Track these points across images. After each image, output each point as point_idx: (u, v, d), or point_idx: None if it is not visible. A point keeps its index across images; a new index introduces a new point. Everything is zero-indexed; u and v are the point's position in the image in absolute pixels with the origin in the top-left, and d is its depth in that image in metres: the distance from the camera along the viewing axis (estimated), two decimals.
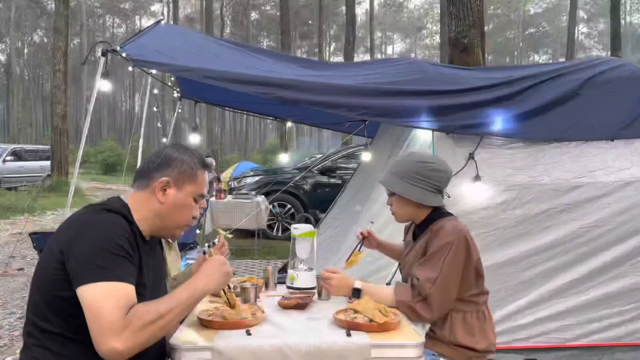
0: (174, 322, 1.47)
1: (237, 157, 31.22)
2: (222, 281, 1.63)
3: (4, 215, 10.64)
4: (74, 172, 3.75)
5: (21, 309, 4.72)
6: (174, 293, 1.49)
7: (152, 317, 1.38)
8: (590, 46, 51.43)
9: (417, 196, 2.14)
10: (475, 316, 2.13)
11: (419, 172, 2.14)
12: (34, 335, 1.48)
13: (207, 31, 23.28)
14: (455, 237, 2.04)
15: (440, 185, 2.19)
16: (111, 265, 1.40)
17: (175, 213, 1.64)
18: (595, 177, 3.34)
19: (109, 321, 1.32)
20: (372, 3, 37.57)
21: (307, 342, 1.60)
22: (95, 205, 1.56)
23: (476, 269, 2.12)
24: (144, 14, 53.28)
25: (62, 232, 1.49)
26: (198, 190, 1.67)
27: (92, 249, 1.41)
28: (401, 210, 2.23)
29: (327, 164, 9.13)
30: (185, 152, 1.68)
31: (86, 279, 1.37)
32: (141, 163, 1.68)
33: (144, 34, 4.01)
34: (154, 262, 1.69)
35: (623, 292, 3.27)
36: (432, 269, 2.01)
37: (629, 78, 3.65)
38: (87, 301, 1.36)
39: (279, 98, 3.27)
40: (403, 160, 2.24)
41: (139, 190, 1.63)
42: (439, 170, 2.17)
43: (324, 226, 5.79)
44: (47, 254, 1.49)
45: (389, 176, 2.22)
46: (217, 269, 1.61)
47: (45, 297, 1.46)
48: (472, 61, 6.12)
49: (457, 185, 3.33)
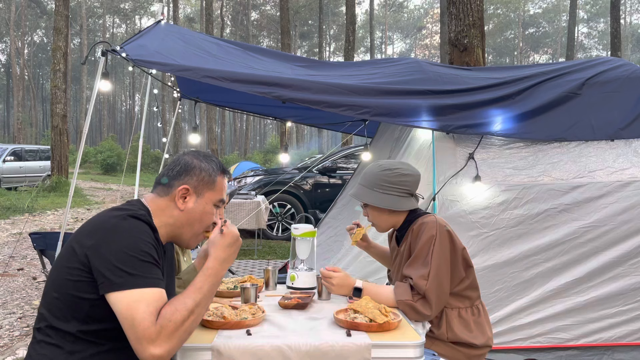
0: (204, 313, 1.50)
1: (237, 157, 31.24)
2: (234, 252, 1.63)
3: (4, 215, 10.64)
4: (74, 172, 3.74)
5: (21, 309, 4.72)
6: (195, 285, 1.50)
7: (183, 316, 1.41)
8: (590, 46, 51.46)
9: (388, 203, 2.18)
10: (470, 312, 2.17)
11: (386, 180, 2.19)
12: (45, 332, 1.49)
13: (207, 31, 23.26)
14: (437, 230, 2.08)
15: (411, 188, 2.23)
16: (141, 272, 1.42)
17: (195, 220, 1.65)
18: (595, 177, 3.34)
19: (143, 329, 1.35)
20: (372, 3, 37.57)
21: (307, 342, 1.60)
22: (119, 210, 1.55)
23: (464, 257, 2.15)
24: (144, 14, 53.29)
25: (86, 235, 1.49)
26: (218, 197, 1.69)
27: (122, 256, 1.42)
28: (378, 220, 2.28)
29: (327, 164, 9.13)
30: (204, 159, 1.69)
31: (117, 286, 1.39)
32: (161, 170, 1.70)
33: (144, 34, 4.01)
34: (166, 264, 1.70)
35: (623, 292, 3.27)
36: (423, 265, 2.05)
37: (629, 78, 3.65)
38: (120, 308, 1.38)
39: (279, 97, 3.27)
40: (370, 171, 2.27)
41: (160, 197, 1.65)
42: (406, 175, 2.21)
43: (324, 226, 5.78)
44: (68, 254, 1.49)
45: (359, 188, 2.27)
46: (223, 244, 1.60)
47: (64, 296, 1.46)
48: (472, 61, 6.12)
49: (457, 185, 3.34)
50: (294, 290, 2.23)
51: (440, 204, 3.30)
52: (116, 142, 32.89)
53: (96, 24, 53.40)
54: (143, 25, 51.67)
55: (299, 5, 41.61)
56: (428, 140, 3.52)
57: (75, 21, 43.49)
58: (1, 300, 4.99)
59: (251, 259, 7.06)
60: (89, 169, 29.87)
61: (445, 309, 2.13)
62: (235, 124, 50.37)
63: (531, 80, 3.60)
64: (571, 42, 26.65)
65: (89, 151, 31.36)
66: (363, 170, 2.57)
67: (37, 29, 50.02)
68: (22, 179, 16.91)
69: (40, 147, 19.62)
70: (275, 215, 8.67)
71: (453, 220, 3.26)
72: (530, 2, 49.47)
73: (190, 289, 1.49)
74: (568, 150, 3.43)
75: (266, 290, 2.35)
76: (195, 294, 1.47)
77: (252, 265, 6.63)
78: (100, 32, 52.35)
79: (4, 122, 57.49)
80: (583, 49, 49.79)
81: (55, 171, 15.54)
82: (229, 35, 42.14)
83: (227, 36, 39.51)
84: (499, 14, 48.21)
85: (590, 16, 50.18)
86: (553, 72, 3.67)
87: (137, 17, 54.47)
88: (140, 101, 50.97)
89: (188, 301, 1.44)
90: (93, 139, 53.77)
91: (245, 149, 39.74)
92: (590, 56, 46.83)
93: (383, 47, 56.06)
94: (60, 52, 15.45)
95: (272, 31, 45.13)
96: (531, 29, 51.73)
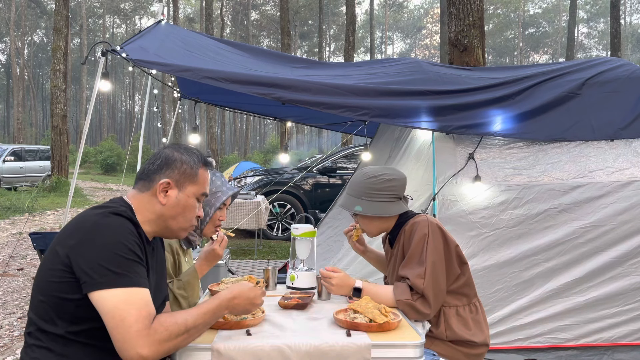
0: (196, 337, 1.51)
1: (237, 157, 31.24)
2: (246, 310, 1.68)
3: (4, 215, 10.64)
4: (74, 172, 3.74)
5: (21, 309, 4.72)
6: (201, 309, 1.51)
7: (179, 330, 1.42)
8: (590, 46, 51.47)
9: (377, 211, 2.19)
10: (468, 309, 2.18)
11: (373, 187, 2.20)
12: (35, 336, 1.48)
13: (207, 31, 23.26)
14: (429, 229, 2.10)
15: (398, 192, 2.23)
16: (126, 270, 1.40)
17: (178, 214, 1.62)
18: (595, 177, 3.34)
19: (136, 330, 1.34)
20: (372, 3, 37.56)
21: (307, 342, 1.60)
22: (101, 208, 1.53)
23: (457, 254, 2.16)
24: (144, 14, 53.30)
25: (67, 235, 1.47)
26: (200, 190, 1.65)
27: (105, 253, 1.40)
28: (369, 227, 2.29)
29: (327, 164, 9.13)
30: (185, 152, 1.65)
31: (101, 284, 1.37)
32: (142, 165, 1.65)
33: (144, 34, 4.01)
34: (156, 262, 1.69)
35: (623, 292, 3.27)
36: (418, 264, 2.06)
37: (629, 78, 3.65)
38: (106, 308, 1.37)
39: (278, 98, 3.27)
40: (356, 180, 2.28)
41: (141, 192, 1.61)
42: (391, 180, 2.21)
43: (324, 226, 5.78)
44: (51, 256, 1.47)
45: (347, 199, 2.28)
46: (246, 296, 1.64)
47: (49, 298, 1.45)
48: (472, 61, 6.12)
49: (457, 185, 3.34)
50: (294, 290, 2.23)
51: (440, 204, 3.30)
52: (116, 142, 32.92)
53: (96, 24, 53.40)
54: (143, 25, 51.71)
55: (299, 5, 41.60)
56: (428, 141, 3.52)
57: (75, 21, 43.49)
58: (1, 300, 4.99)
59: (251, 259, 7.06)
60: (89, 169, 29.89)
61: (443, 307, 2.14)
62: (235, 124, 50.38)
63: (531, 80, 3.60)
64: (571, 42, 26.65)
65: (89, 151, 31.38)
66: (349, 181, 2.57)
67: (37, 29, 50.02)
68: (22, 179, 16.91)
69: (40, 147, 19.62)
70: (275, 215, 8.67)
71: (453, 220, 3.26)
72: (530, 2, 49.49)
73: (196, 310, 1.50)
74: (568, 150, 3.43)
75: (266, 290, 2.35)
76: (198, 317, 1.48)
77: (252, 265, 6.63)
78: (100, 32, 52.36)
79: (4, 122, 57.47)
80: (583, 49, 49.80)
81: (55, 171, 15.54)
82: (229, 35, 42.14)
83: (227, 36, 39.51)
84: (499, 14, 48.21)
85: (590, 16, 50.18)
86: (553, 72, 3.67)
87: (137, 17, 54.48)
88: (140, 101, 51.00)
89: (189, 320, 1.45)
90: (93, 139, 53.78)
91: (245, 149, 39.75)
92: (590, 56, 46.86)
93: (383, 47, 56.07)
94: (60, 52, 15.45)
95: (272, 31, 45.13)
96: (531, 29, 51.73)
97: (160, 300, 1.70)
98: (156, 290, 1.63)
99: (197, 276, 2.14)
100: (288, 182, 8.21)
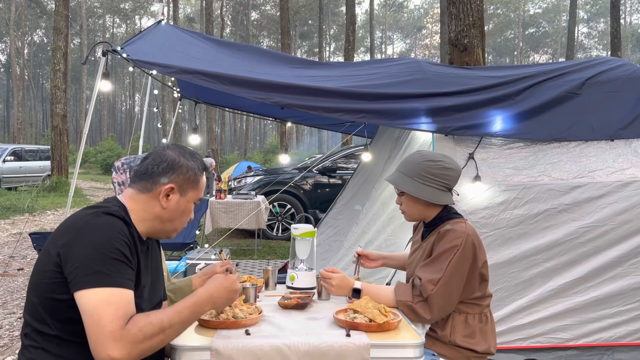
0: (174, 337, 1.47)
1: (237, 157, 31.25)
2: (228, 299, 1.64)
3: (4, 215, 10.64)
4: (74, 172, 3.74)
5: (21, 309, 4.72)
6: (176, 307, 1.48)
7: (153, 331, 1.38)
8: (590, 46, 51.47)
9: (428, 195, 2.12)
10: (477, 318, 2.12)
11: (429, 171, 2.12)
12: (31, 337, 1.48)
13: (207, 31, 23.27)
14: (463, 242, 2.02)
15: (450, 183, 2.17)
16: (110, 270, 1.39)
17: (176, 217, 1.64)
18: (595, 177, 3.34)
19: (109, 330, 1.32)
20: (372, 3, 37.56)
21: (306, 342, 1.59)
22: (94, 208, 1.53)
23: (481, 273, 2.10)
24: (144, 14, 53.31)
25: (59, 235, 1.47)
26: (198, 195, 1.68)
27: (91, 253, 1.39)
28: (411, 210, 2.21)
29: (327, 164, 9.13)
30: (190, 157, 1.66)
31: (85, 284, 1.37)
32: (142, 164, 1.64)
33: (145, 34, 4.01)
34: (151, 262, 1.68)
35: (623, 292, 3.26)
36: (436, 271, 2.00)
37: (629, 78, 3.64)
38: (86, 307, 1.36)
39: (277, 103, 3.26)
40: (412, 159, 2.19)
41: (141, 193, 1.61)
42: (448, 169, 2.15)
43: (324, 226, 5.78)
44: (44, 256, 1.47)
45: (398, 175, 2.19)
46: (223, 286, 1.61)
47: (42, 299, 1.45)
48: (472, 61, 6.12)
49: (457, 185, 3.33)
50: (294, 290, 2.22)
51: None
52: (116, 142, 32.92)
53: (96, 24, 53.42)
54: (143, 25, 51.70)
55: (299, 5, 41.60)
56: (428, 141, 3.52)
57: (75, 21, 43.49)
58: (1, 300, 4.99)
59: (251, 259, 7.06)
60: (89, 169, 29.90)
61: (453, 312, 2.09)
62: (235, 124, 50.37)
63: (531, 80, 3.59)
64: (571, 42, 26.65)
65: (89, 151, 31.39)
66: (403, 157, 2.51)
67: (37, 29, 50.05)
68: (22, 179, 16.91)
69: (40, 147, 19.61)
70: (275, 215, 8.67)
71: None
72: (530, 2, 49.49)
73: (172, 309, 1.47)
74: (568, 150, 3.43)
75: (266, 290, 2.35)
76: (174, 315, 1.45)
77: (252, 265, 6.63)
78: (100, 32, 52.38)
79: (4, 122, 57.47)
80: (583, 49, 49.78)
81: (55, 171, 15.55)
82: (229, 35, 42.14)
83: (227, 36, 39.50)
84: (499, 14, 48.22)
85: (590, 16, 50.18)
86: (553, 72, 3.67)
87: (137, 17, 54.49)
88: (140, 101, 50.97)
89: (165, 319, 1.42)
90: (93, 139, 53.78)
91: (245, 149, 39.75)
92: (590, 56, 46.81)
93: (383, 47, 56.06)
94: (60, 52, 15.46)
95: (272, 31, 45.12)
96: (531, 29, 51.74)
97: (156, 301, 1.69)
98: (151, 291, 1.63)
99: (190, 285, 2.11)
100: (288, 182, 8.21)
